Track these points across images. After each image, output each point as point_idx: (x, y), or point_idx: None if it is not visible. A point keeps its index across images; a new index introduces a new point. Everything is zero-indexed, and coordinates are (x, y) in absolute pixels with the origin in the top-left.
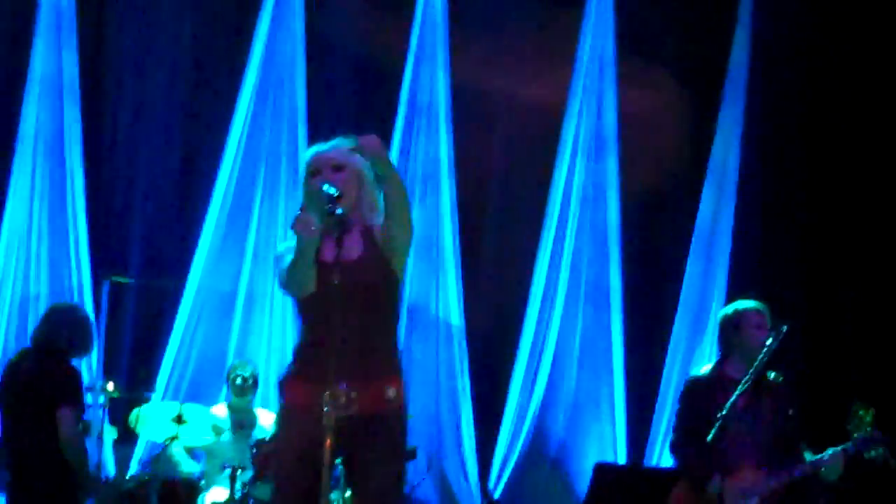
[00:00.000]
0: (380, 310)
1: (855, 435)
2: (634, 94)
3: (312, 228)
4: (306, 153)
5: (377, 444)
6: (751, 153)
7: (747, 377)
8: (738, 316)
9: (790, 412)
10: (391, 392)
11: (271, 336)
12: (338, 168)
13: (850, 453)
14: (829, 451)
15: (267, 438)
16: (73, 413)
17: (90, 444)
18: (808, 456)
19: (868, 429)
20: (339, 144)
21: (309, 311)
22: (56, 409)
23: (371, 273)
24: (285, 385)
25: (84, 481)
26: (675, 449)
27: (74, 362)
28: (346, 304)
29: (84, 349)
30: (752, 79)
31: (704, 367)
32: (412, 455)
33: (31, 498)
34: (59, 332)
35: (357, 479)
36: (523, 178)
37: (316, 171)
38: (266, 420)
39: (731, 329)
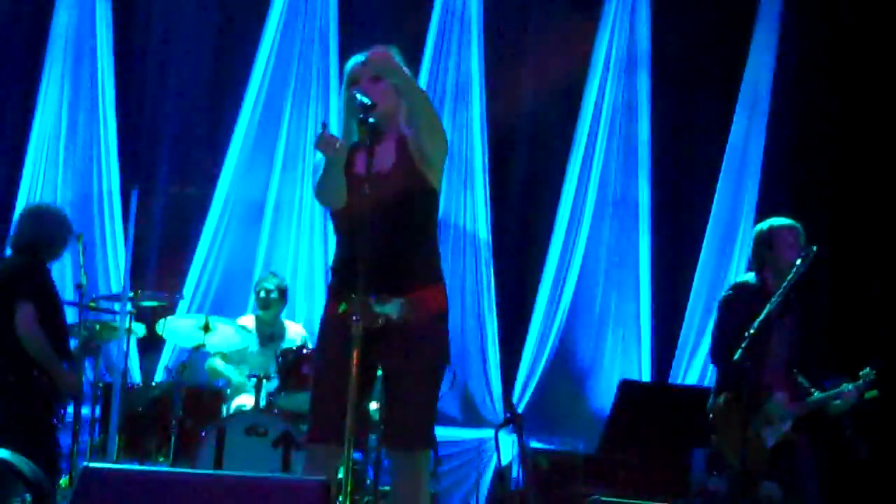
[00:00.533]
0: (413, 220)
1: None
2: (668, 10)
3: (337, 147)
4: (348, 63)
5: (410, 354)
6: (783, 73)
7: (777, 295)
8: (772, 233)
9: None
10: (424, 302)
11: (298, 247)
12: (376, 78)
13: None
14: (846, 386)
15: (293, 349)
16: (29, 307)
17: (113, 349)
18: (804, 381)
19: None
20: (379, 50)
21: (343, 223)
22: (13, 304)
23: (403, 183)
24: (326, 296)
25: (56, 378)
26: (720, 359)
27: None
28: (378, 215)
29: (57, 248)
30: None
31: (749, 276)
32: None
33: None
34: (28, 232)
35: (390, 389)
36: (554, 94)
37: (355, 80)
38: (293, 331)
39: (764, 246)
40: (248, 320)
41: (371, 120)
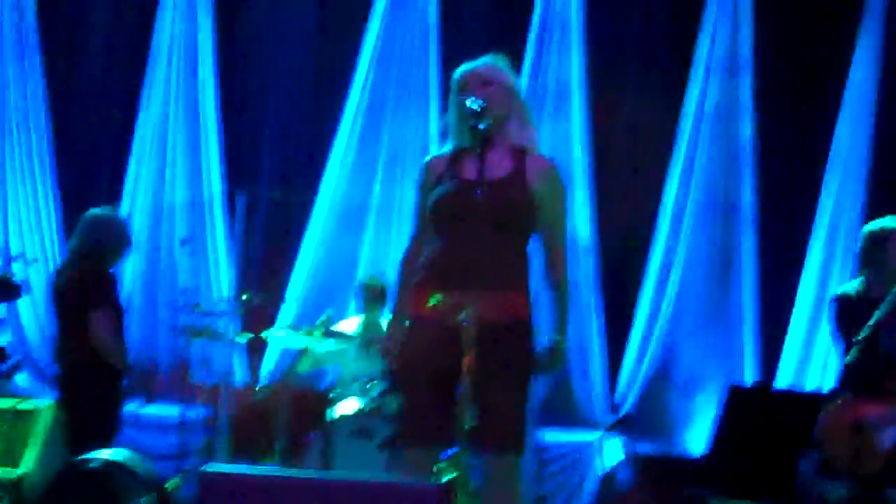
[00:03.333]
0: (515, 229)
1: None
2: (770, 12)
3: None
4: (456, 71)
5: (499, 355)
6: (889, 73)
7: (891, 296)
8: (885, 234)
9: None
10: (516, 305)
11: (400, 249)
12: (486, 83)
13: None
14: None
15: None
16: (104, 316)
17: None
18: None
19: None
20: (488, 61)
21: (443, 223)
22: (87, 314)
23: (514, 193)
24: (413, 294)
25: (130, 380)
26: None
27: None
28: (484, 220)
29: (120, 253)
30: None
31: (848, 286)
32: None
33: (77, 395)
34: (92, 239)
35: (478, 391)
36: (655, 95)
37: (464, 86)
38: None
39: (874, 247)
40: (352, 322)
41: (482, 126)
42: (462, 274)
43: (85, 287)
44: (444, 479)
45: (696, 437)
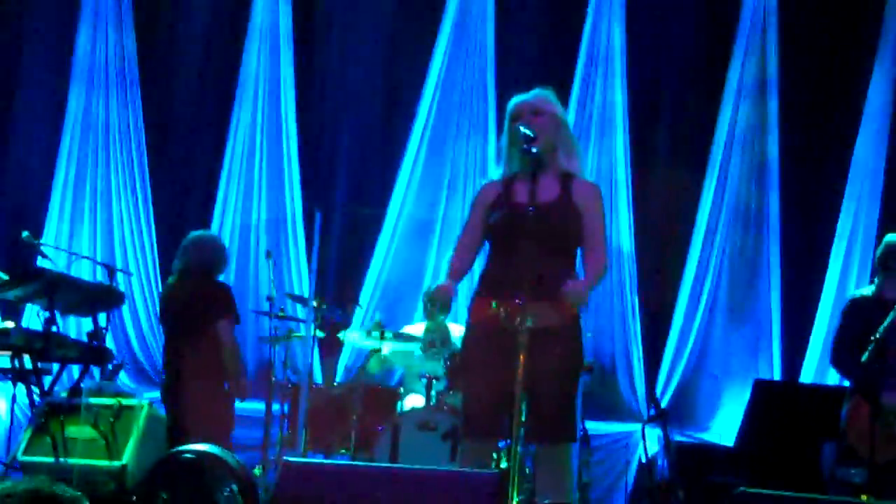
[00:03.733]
0: (562, 247)
1: None
2: (795, 36)
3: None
4: (511, 102)
5: (552, 353)
6: None
7: None
8: None
9: None
10: (564, 311)
11: None
12: (537, 112)
13: None
14: None
15: (457, 351)
16: (229, 324)
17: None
18: None
19: None
20: (539, 93)
21: (499, 242)
22: (214, 324)
23: (561, 217)
24: (474, 303)
25: (236, 385)
26: (837, 362)
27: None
28: (535, 240)
29: (223, 268)
30: None
31: (865, 289)
32: (588, 369)
33: (187, 403)
34: (205, 256)
35: (534, 386)
36: (691, 117)
37: (517, 115)
38: (458, 332)
39: (891, 257)
40: (418, 327)
41: (534, 150)
42: (517, 286)
43: (211, 299)
44: (502, 468)
45: (727, 429)
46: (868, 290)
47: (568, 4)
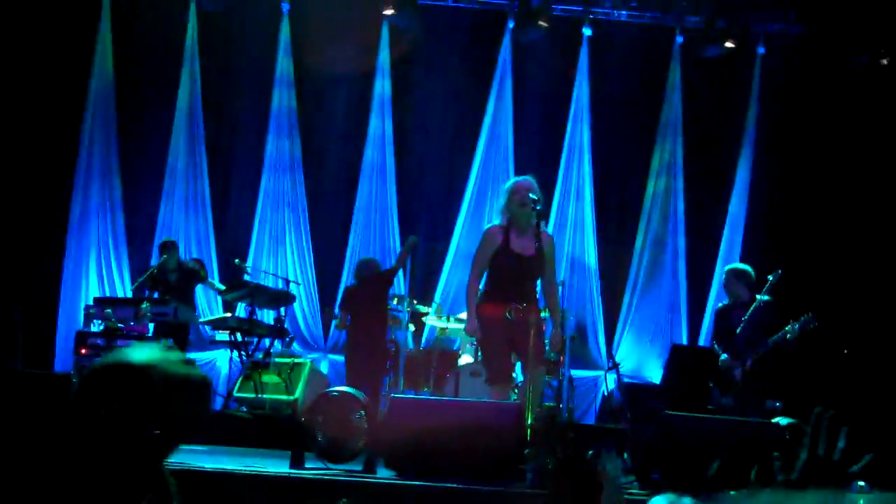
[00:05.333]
0: (536, 277)
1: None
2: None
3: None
4: (511, 181)
5: (532, 332)
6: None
7: (750, 310)
8: (735, 273)
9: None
10: (536, 314)
11: None
12: (528, 189)
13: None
14: (788, 326)
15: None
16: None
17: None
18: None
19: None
20: (528, 177)
21: (505, 275)
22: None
23: (538, 265)
24: (491, 306)
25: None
26: (715, 341)
27: None
28: (522, 272)
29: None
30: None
31: (722, 303)
32: (573, 338)
33: (364, 361)
34: (378, 267)
35: (526, 347)
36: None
37: (515, 190)
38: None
39: (728, 283)
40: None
41: (538, 206)
42: (518, 297)
43: (387, 289)
44: (517, 401)
45: (656, 373)
46: (726, 302)
47: (556, 109)
